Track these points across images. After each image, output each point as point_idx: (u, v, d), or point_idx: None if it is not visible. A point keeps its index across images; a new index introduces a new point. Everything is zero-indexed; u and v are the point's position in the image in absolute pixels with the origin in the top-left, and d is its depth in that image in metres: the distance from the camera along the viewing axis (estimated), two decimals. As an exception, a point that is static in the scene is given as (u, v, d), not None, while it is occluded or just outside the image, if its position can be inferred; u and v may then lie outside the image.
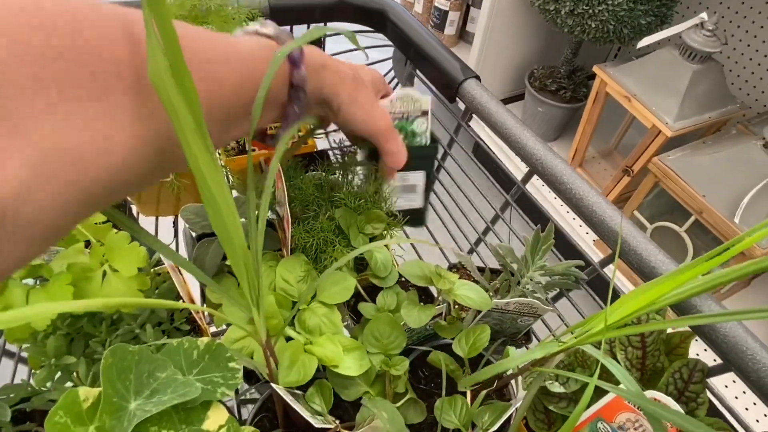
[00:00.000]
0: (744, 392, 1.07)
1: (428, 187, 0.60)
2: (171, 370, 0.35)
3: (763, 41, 1.28)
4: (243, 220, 0.56)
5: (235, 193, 0.77)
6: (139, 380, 0.34)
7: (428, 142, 0.55)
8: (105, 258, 0.45)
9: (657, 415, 0.29)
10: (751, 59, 1.32)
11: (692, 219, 1.14)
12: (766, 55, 1.28)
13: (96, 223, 0.51)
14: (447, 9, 1.71)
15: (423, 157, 0.56)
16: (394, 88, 0.82)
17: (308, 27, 0.73)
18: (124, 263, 0.44)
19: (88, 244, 0.49)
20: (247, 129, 0.34)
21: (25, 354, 0.49)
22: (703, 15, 1.12)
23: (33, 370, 0.47)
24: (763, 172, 1.03)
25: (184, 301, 0.50)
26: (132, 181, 0.25)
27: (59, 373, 0.44)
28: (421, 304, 0.48)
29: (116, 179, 0.23)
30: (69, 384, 0.45)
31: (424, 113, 0.53)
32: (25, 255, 0.21)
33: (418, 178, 0.59)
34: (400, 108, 0.53)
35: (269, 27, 0.37)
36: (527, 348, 0.59)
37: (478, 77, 0.57)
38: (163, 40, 0.22)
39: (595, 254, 1.38)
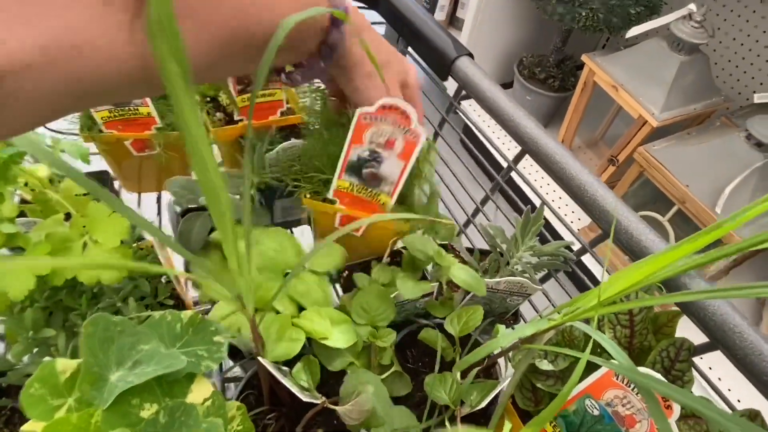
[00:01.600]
0: (726, 374, 1.10)
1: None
2: (155, 342, 0.34)
3: (748, 35, 1.29)
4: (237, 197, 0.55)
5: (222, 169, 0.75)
6: (121, 351, 0.33)
7: None
8: (86, 229, 0.44)
9: (648, 387, 0.29)
10: (736, 52, 1.33)
11: (675, 209, 1.15)
12: (750, 49, 1.30)
13: (77, 195, 0.50)
14: (437, -6, 1.69)
15: None
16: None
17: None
18: (106, 234, 0.42)
19: (68, 217, 0.47)
20: (279, 62, 0.36)
21: (1, 328, 0.47)
22: (692, 6, 1.13)
23: (9, 344, 0.45)
24: (745, 163, 1.05)
25: (167, 279, 0.49)
26: (120, 87, 0.26)
27: (37, 348, 0.43)
28: (417, 279, 0.47)
29: (107, 80, 0.25)
30: (47, 358, 0.44)
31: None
32: (12, 126, 0.24)
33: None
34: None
35: None
36: (514, 328, 0.59)
37: (471, 55, 0.56)
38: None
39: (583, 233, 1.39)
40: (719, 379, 1.10)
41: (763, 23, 1.26)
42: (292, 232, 0.72)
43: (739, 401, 1.06)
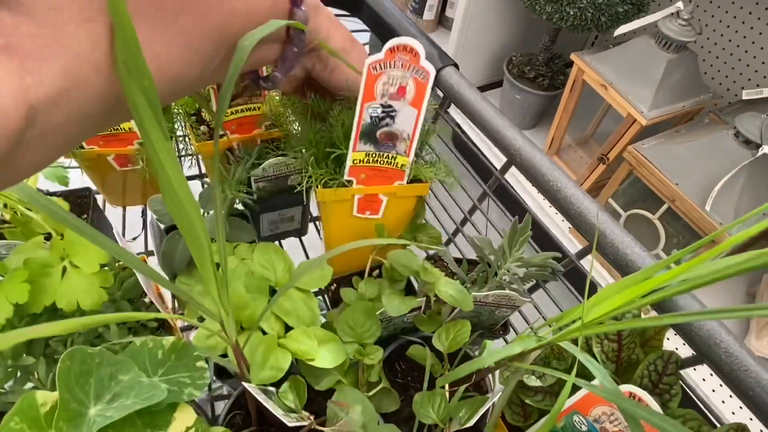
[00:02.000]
0: (721, 385, 1.10)
1: (305, 214, 0.68)
2: (134, 372, 0.34)
3: (735, 31, 1.30)
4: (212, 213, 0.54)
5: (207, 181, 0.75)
6: (100, 384, 0.32)
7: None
8: (66, 252, 0.43)
9: (632, 413, 0.28)
10: (723, 49, 1.34)
11: (665, 207, 1.15)
12: (738, 45, 1.30)
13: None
14: (425, -7, 1.68)
15: (297, 198, 0.61)
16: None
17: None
18: (86, 259, 0.42)
19: (49, 237, 0.46)
20: (250, 64, 0.34)
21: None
22: (679, 4, 1.13)
23: (-10, 372, 0.44)
24: (734, 160, 1.05)
25: (150, 300, 0.48)
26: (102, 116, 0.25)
27: (18, 375, 0.42)
28: (403, 294, 0.47)
29: (96, 110, 0.24)
30: (29, 385, 0.43)
31: (295, 172, 0.57)
32: (42, 161, 0.23)
33: (295, 211, 0.65)
34: (273, 172, 0.56)
35: None
36: (505, 339, 0.59)
37: (456, 65, 0.55)
38: (121, 41, 0.20)
39: (571, 242, 1.40)
40: (713, 390, 1.10)
41: (750, 19, 1.26)
42: (281, 245, 0.72)
43: (733, 413, 1.07)
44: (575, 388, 0.38)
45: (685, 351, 0.40)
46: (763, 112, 1.05)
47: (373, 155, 0.47)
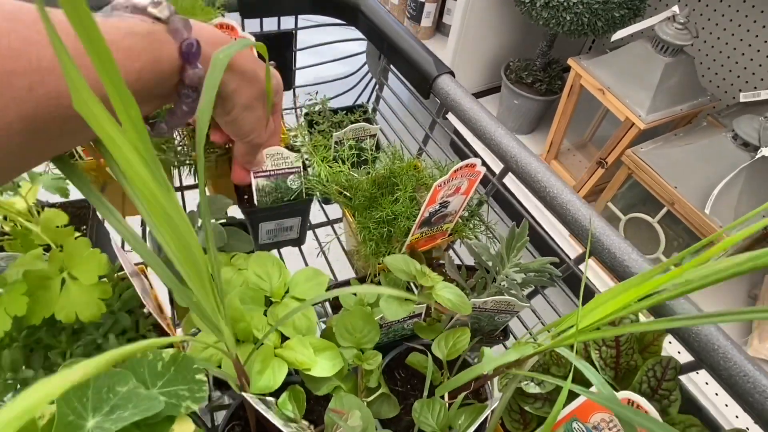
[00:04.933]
0: (717, 394, 1.09)
1: (303, 225, 0.68)
2: (133, 383, 0.34)
3: (732, 34, 1.30)
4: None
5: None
6: (98, 396, 0.33)
7: (303, 196, 0.60)
8: (64, 264, 0.43)
9: (629, 420, 0.28)
10: (720, 52, 1.34)
11: (664, 210, 1.15)
12: (735, 48, 1.31)
13: (57, 227, 0.49)
14: (423, 0, 1.69)
15: (299, 209, 0.63)
16: (367, 85, 0.81)
17: (279, 20, 0.71)
18: (84, 271, 0.42)
19: (48, 249, 0.46)
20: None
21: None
22: (675, 8, 1.13)
23: (-11, 384, 0.44)
24: (732, 163, 1.05)
25: (148, 309, 0.48)
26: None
27: (17, 389, 0.42)
28: (401, 299, 0.47)
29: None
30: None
31: (296, 170, 0.57)
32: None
33: (294, 221, 0.66)
34: (271, 165, 0.56)
35: (163, 8, 0.33)
36: (504, 345, 0.59)
37: (452, 73, 0.56)
38: (97, 63, 0.20)
39: (572, 247, 1.40)
40: (716, 394, 1.09)
41: (746, 22, 1.27)
42: (279, 253, 0.72)
43: (737, 417, 1.06)
44: (574, 395, 0.38)
45: (684, 357, 0.40)
46: (761, 114, 1.05)
47: (426, 231, 0.54)
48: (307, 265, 0.72)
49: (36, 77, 0.25)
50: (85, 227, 0.61)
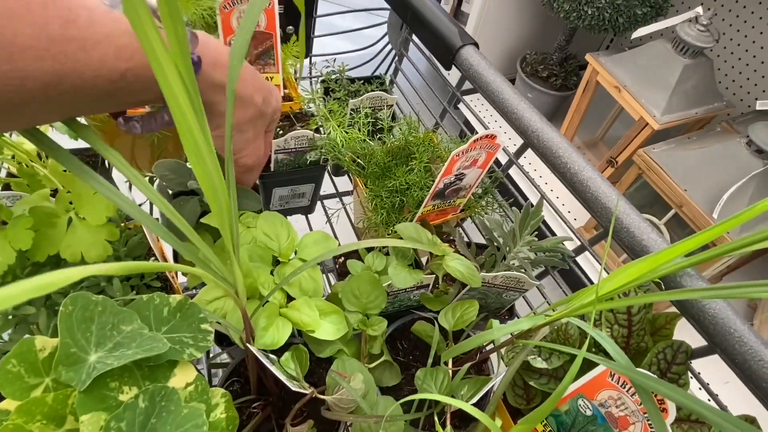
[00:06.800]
0: (718, 395, 1.09)
1: (315, 192, 0.68)
2: (137, 324, 0.33)
3: (753, 41, 1.29)
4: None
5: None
6: (102, 332, 0.32)
7: (319, 162, 0.61)
8: (71, 205, 0.42)
9: (645, 386, 0.28)
10: (740, 58, 1.33)
11: (672, 212, 1.15)
12: (755, 56, 1.29)
13: (65, 170, 0.48)
14: (442, -13, 1.67)
15: (313, 175, 0.64)
16: (386, 57, 0.80)
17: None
18: (92, 211, 0.41)
19: (55, 193, 0.46)
20: (127, 103, 0.34)
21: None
22: (698, 9, 1.12)
23: (-12, 321, 0.43)
24: (745, 170, 1.04)
25: (156, 259, 0.47)
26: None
27: (17, 325, 0.41)
28: (410, 268, 0.46)
29: None
30: (27, 336, 0.43)
31: (314, 148, 0.58)
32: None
33: (307, 188, 0.66)
34: (294, 145, 0.58)
35: None
36: (508, 326, 0.58)
37: (476, 44, 0.54)
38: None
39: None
40: (717, 395, 1.09)
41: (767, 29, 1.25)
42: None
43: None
44: (581, 371, 0.38)
45: (694, 344, 0.40)
46: (776, 122, 1.04)
47: (439, 204, 0.53)
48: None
49: (4, 53, 0.24)
50: (92, 178, 0.60)
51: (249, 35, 0.29)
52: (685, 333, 0.39)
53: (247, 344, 0.38)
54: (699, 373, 0.48)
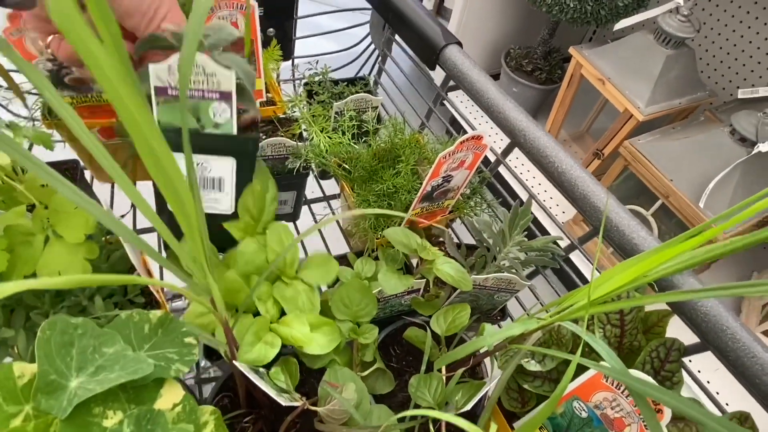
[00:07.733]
0: (708, 382, 1.11)
1: (298, 199, 0.60)
2: (120, 345, 0.32)
3: (733, 30, 1.30)
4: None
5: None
6: (83, 356, 0.31)
7: (300, 169, 0.56)
8: (49, 222, 0.41)
9: (640, 391, 0.27)
10: (720, 48, 1.34)
11: (659, 203, 1.15)
12: (735, 44, 1.30)
13: (43, 185, 0.46)
14: (424, -17, 1.66)
15: (295, 182, 0.58)
16: (369, 57, 0.79)
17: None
18: (70, 228, 0.40)
19: (33, 208, 0.44)
20: None
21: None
22: (679, 0, 1.12)
23: (-35, 345, 0.42)
24: (729, 158, 1.05)
25: (138, 274, 0.46)
26: None
27: (-5, 348, 0.40)
28: (401, 273, 0.46)
29: None
30: (8, 359, 0.41)
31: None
32: None
33: (289, 195, 0.57)
34: (271, 152, 0.52)
35: None
36: (500, 325, 0.58)
37: (460, 43, 0.54)
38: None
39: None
40: (708, 382, 1.10)
41: (748, 19, 1.26)
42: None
43: (727, 404, 1.07)
44: (576, 372, 0.37)
45: (686, 341, 0.40)
46: (759, 110, 1.05)
47: (427, 207, 0.52)
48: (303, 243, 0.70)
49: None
50: (71, 191, 0.58)
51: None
52: (678, 329, 0.39)
53: (234, 361, 0.37)
54: (690, 361, 0.48)
